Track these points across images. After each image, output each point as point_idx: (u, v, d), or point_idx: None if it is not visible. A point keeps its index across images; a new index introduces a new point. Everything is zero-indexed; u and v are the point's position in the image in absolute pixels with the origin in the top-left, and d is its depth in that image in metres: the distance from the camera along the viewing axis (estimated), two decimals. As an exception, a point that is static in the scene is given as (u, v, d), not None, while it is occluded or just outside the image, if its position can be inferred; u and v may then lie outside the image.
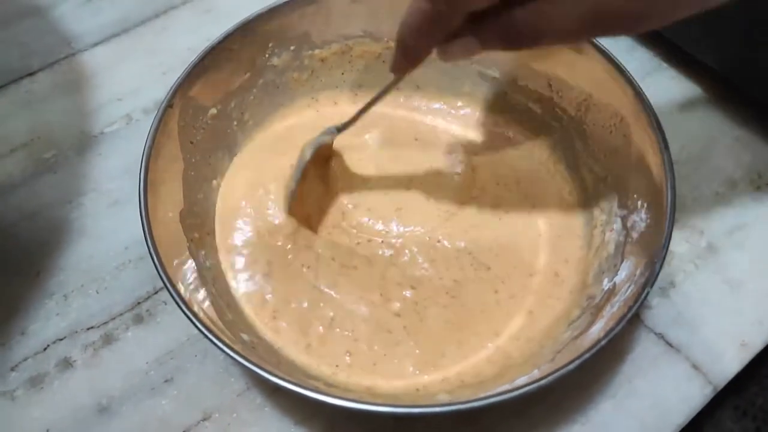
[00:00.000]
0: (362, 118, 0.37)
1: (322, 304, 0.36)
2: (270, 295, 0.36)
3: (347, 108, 0.42)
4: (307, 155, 0.37)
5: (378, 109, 0.37)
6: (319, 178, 0.39)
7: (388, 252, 0.37)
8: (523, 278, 0.36)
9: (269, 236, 0.37)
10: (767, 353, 0.36)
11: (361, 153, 0.41)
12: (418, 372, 0.34)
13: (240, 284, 0.36)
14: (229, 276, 0.36)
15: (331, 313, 0.35)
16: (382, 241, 0.38)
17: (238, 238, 0.38)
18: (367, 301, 0.36)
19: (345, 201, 0.40)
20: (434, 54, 0.30)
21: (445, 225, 0.39)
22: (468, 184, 0.40)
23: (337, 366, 0.34)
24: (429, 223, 0.39)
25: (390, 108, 0.43)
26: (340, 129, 0.38)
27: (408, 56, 0.30)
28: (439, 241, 0.38)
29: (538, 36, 0.26)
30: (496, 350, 0.34)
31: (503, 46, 0.27)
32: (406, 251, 0.37)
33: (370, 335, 0.35)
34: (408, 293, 0.36)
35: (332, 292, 0.36)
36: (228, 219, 0.38)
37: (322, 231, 0.38)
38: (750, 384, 0.37)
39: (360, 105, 0.37)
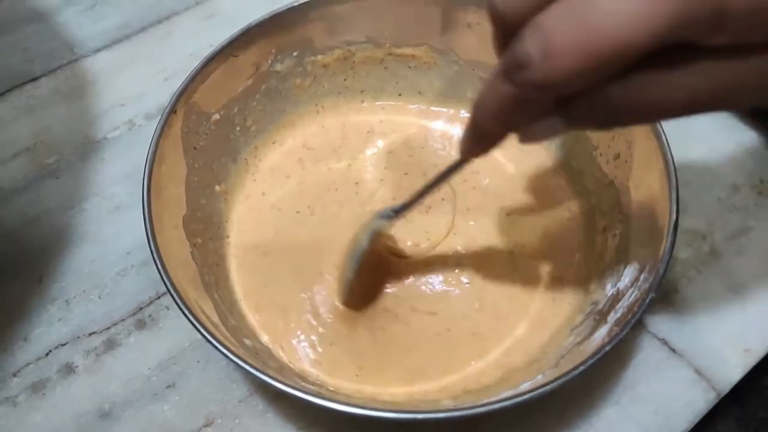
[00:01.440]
0: (366, 124, 0.37)
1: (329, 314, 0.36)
2: (277, 303, 0.36)
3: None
4: (364, 244, 0.34)
5: (381, 116, 0.36)
6: (372, 260, 0.36)
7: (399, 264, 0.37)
8: (526, 283, 0.36)
9: (280, 247, 0.38)
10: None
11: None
12: (421, 379, 0.33)
13: (244, 290, 0.36)
14: (233, 281, 0.36)
15: (334, 320, 0.35)
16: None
17: (247, 245, 0.38)
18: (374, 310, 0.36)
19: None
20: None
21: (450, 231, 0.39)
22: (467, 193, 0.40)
23: (340, 372, 0.34)
24: (435, 233, 0.39)
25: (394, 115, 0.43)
26: (398, 212, 0.34)
27: (483, 141, 0.26)
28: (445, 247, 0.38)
29: (638, 113, 0.21)
30: (500, 356, 0.34)
31: (595, 126, 0.23)
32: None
33: (376, 341, 0.35)
34: (417, 303, 0.36)
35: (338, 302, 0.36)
36: (236, 226, 0.38)
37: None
38: (752, 395, 0.37)
39: (364, 115, 0.36)
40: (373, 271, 0.36)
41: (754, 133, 0.44)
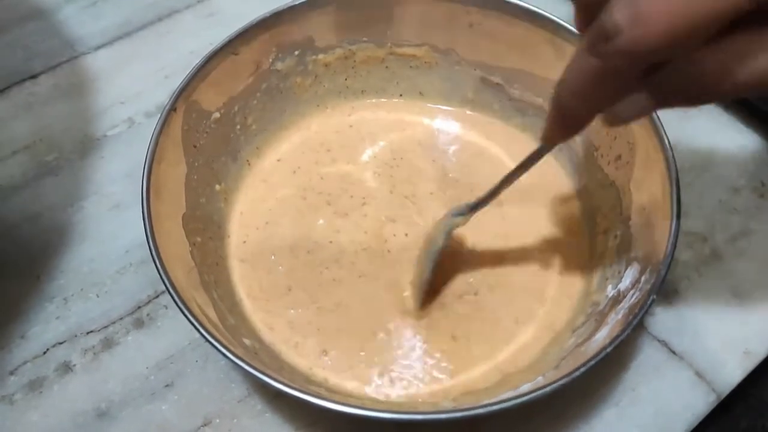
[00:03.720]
0: (367, 124, 0.37)
1: (329, 313, 0.36)
2: (276, 303, 0.36)
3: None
4: (440, 242, 0.34)
5: (382, 115, 0.36)
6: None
7: (400, 264, 0.37)
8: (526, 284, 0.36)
9: (281, 247, 0.38)
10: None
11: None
12: (424, 380, 0.33)
13: (243, 290, 0.36)
14: (233, 281, 0.36)
15: (337, 322, 0.35)
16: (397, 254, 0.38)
17: (246, 245, 0.38)
18: (377, 308, 0.36)
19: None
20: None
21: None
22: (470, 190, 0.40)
23: (343, 372, 0.33)
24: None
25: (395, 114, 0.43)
26: (473, 209, 0.33)
27: (567, 123, 0.25)
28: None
29: (733, 86, 0.20)
30: (501, 358, 0.34)
31: (684, 102, 0.22)
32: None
33: (376, 345, 0.34)
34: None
35: (344, 305, 0.36)
36: (236, 225, 0.38)
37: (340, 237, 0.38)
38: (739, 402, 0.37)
39: (365, 115, 0.36)
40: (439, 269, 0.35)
41: (755, 135, 0.44)
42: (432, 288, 0.35)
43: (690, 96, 0.21)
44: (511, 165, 0.39)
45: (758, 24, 0.18)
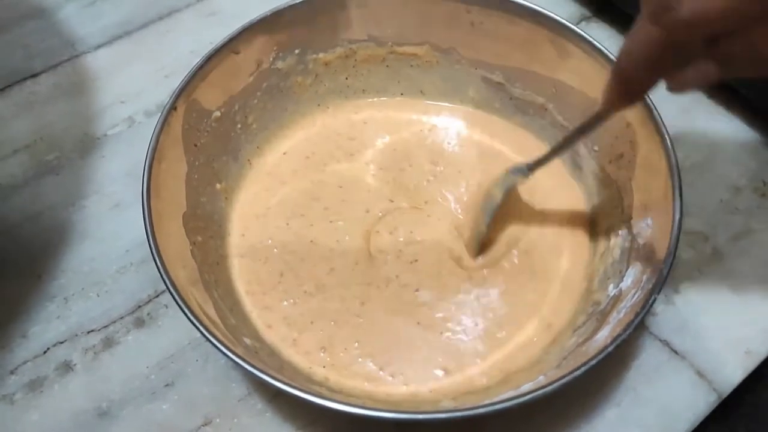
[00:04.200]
0: (367, 123, 0.37)
1: (330, 310, 0.36)
2: (277, 302, 0.36)
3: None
4: (498, 198, 0.34)
5: (383, 114, 0.36)
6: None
7: (400, 263, 0.37)
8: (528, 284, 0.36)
9: (282, 246, 0.38)
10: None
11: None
12: (423, 379, 0.33)
13: (245, 289, 0.36)
14: (233, 280, 0.36)
15: (335, 321, 0.35)
16: (397, 252, 0.38)
17: (247, 244, 0.38)
18: (378, 307, 0.36)
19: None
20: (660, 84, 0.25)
21: (451, 230, 0.38)
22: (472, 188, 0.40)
23: (340, 370, 0.33)
24: (437, 227, 0.39)
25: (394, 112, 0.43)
26: (531, 168, 0.34)
27: (630, 90, 0.26)
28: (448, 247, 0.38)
29: None
30: (502, 357, 0.34)
31: (751, 69, 0.22)
32: (418, 261, 0.37)
33: (381, 342, 0.35)
34: (423, 305, 0.36)
35: (345, 304, 0.36)
36: (237, 224, 0.38)
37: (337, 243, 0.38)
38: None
39: (366, 114, 0.36)
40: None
41: (757, 135, 0.44)
42: (487, 240, 0.36)
43: (755, 65, 0.21)
44: (516, 159, 0.39)
45: None
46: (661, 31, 0.21)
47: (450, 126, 0.43)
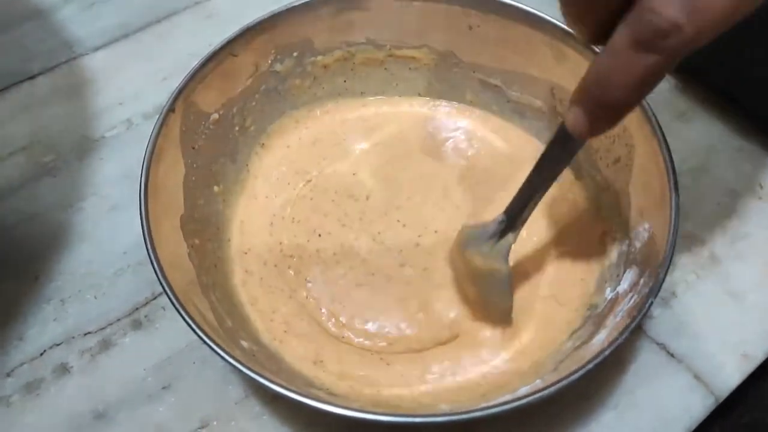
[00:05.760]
0: (365, 125, 0.37)
1: (329, 315, 0.36)
2: (275, 304, 0.36)
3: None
4: (504, 270, 0.34)
5: (381, 116, 0.36)
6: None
7: (406, 266, 0.37)
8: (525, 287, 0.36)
9: (279, 248, 0.38)
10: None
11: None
12: (420, 381, 0.33)
13: (242, 292, 0.36)
14: (231, 283, 0.36)
15: (334, 321, 0.35)
16: (400, 254, 0.38)
17: (245, 246, 0.38)
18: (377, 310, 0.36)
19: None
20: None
21: (448, 230, 0.38)
22: (471, 188, 0.40)
23: (338, 373, 0.33)
24: (437, 224, 0.39)
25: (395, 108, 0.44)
26: (511, 222, 0.33)
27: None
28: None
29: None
30: (499, 361, 0.34)
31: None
32: (417, 258, 0.37)
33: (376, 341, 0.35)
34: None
35: (342, 304, 0.36)
36: (235, 227, 0.38)
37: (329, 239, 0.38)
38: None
39: (364, 117, 0.36)
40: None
41: (753, 138, 0.44)
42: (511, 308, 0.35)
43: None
44: (517, 158, 0.38)
45: None
46: (657, 57, 0.21)
47: (448, 129, 0.43)
